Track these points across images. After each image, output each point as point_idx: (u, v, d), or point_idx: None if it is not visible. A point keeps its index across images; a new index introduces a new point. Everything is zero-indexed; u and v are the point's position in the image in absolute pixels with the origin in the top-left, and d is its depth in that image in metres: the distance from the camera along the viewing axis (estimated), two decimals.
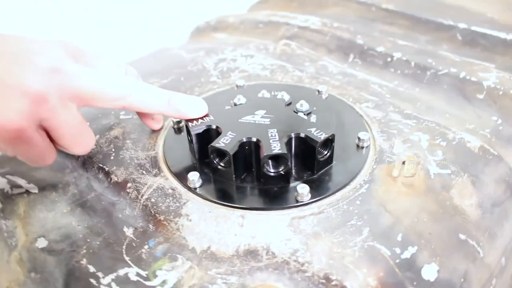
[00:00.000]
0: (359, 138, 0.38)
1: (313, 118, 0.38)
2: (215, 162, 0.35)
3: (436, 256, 0.31)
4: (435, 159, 0.38)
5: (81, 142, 0.34)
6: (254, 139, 0.34)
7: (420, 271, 0.30)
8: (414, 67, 0.49)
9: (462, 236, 0.33)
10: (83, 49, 0.35)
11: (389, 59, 0.51)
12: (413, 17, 0.60)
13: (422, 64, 0.49)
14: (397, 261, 0.30)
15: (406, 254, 0.31)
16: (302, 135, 0.34)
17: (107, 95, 0.33)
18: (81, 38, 0.91)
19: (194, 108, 0.36)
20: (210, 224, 0.33)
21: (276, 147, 0.33)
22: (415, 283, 0.30)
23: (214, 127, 0.36)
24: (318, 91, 0.44)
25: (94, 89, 0.32)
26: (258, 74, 0.50)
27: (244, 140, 0.34)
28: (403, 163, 0.37)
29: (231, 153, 0.33)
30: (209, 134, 0.36)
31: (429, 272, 0.30)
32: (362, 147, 0.38)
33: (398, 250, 0.31)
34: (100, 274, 0.31)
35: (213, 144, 0.34)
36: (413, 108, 0.45)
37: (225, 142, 0.34)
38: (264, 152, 0.33)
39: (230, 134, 0.35)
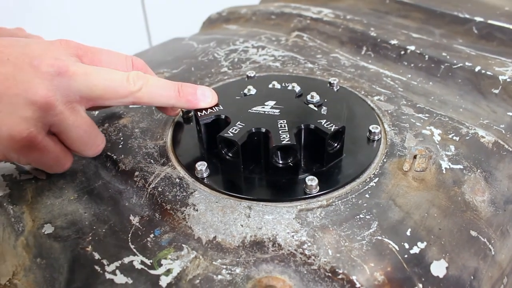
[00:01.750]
0: (370, 131, 0.38)
1: (323, 110, 0.38)
2: (223, 152, 0.35)
3: (445, 252, 0.31)
4: (447, 154, 0.37)
5: (92, 144, 0.34)
6: (263, 130, 0.34)
7: (429, 267, 0.30)
8: (428, 60, 0.48)
9: (473, 233, 0.32)
10: (85, 46, 0.34)
11: (402, 52, 0.50)
12: (427, 10, 0.59)
13: (436, 58, 0.48)
14: (406, 256, 0.30)
15: (415, 250, 0.30)
16: (312, 126, 0.34)
17: (115, 93, 0.32)
18: (92, 29, 0.92)
19: (204, 98, 0.36)
20: (217, 214, 0.32)
21: (285, 138, 0.33)
22: (423, 279, 0.29)
23: (223, 117, 0.36)
24: (330, 83, 0.44)
25: (101, 88, 0.31)
26: (269, 65, 0.49)
27: (253, 130, 0.34)
28: (414, 157, 0.36)
29: (240, 143, 0.33)
30: (218, 124, 0.36)
31: (438, 269, 0.30)
32: (373, 140, 0.38)
33: (406, 245, 0.30)
34: (105, 262, 0.31)
35: (221, 134, 0.34)
36: (426, 102, 0.44)
37: (234, 132, 0.34)
38: (273, 143, 0.33)
39: (239, 124, 0.34)
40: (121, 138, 0.40)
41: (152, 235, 0.32)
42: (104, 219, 0.34)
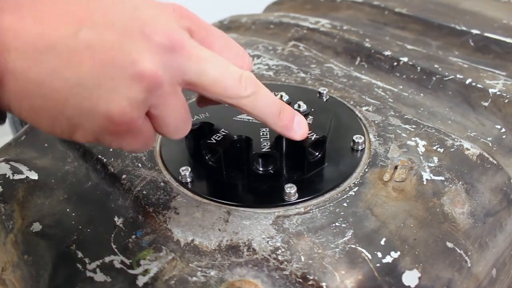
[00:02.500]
0: (353, 141, 0.38)
1: (309, 119, 0.39)
2: (206, 158, 0.36)
3: (419, 262, 0.31)
4: (430, 165, 0.37)
5: (183, 130, 0.29)
6: (244, 137, 0.35)
7: (401, 276, 0.30)
8: (420, 72, 0.49)
9: (450, 244, 0.33)
10: (198, 20, 0.29)
11: (395, 63, 0.50)
12: (425, 22, 0.59)
13: (428, 69, 0.48)
14: (378, 265, 0.30)
15: (388, 259, 0.30)
16: None
17: (223, 91, 0.28)
18: None
19: (299, 128, 0.33)
20: (196, 218, 0.33)
21: (266, 146, 0.34)
22: None
23: (208, 124, 0.37)
24: (319, 93, 0.45)
25: (211, 79, 0.27)
26: (263, 74, 0.50)
27: (235, 137, 0.35)
28: (396, 167, 0.36)
29: (222, 149, 0.34)
30: (203, 131, 0.37)
31: (410, 278, 0.30)
32: (357, 150, 0.38)
33: (380, 254, 0.31)
34: (87, 260, 0.32)
35: (205, 140, 0.35)
36: (415, 113, 0.44)
37: (217, 138, 0.35)
38: (253, 150, 0.33)
39: (222, 131, 0.35)
40: None
41: (134, 236, 0.33)
42: (90, 220, 0.35)
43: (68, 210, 0.36)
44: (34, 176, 0.38)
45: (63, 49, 0.23)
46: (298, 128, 0.33)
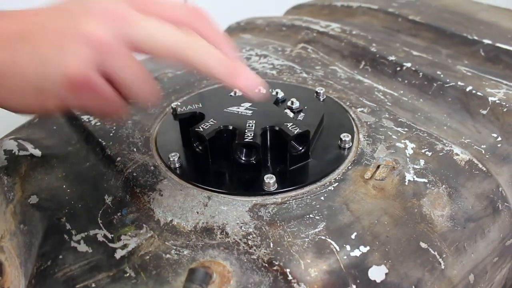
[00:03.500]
0: (340, 139, 0.39)
1: (300, 116, 0.40)
2: (195, 145, 0.37)
3: (388, 259, 0.31)
4: (415, 167, 0.37)
5: (145, 89, 0.31)
6: (230, 127, 0.36)
7: (367, 271, 0.30)
8: (421, 77, 0.49)
9: (423, 245, 0.33)
10: None
11: (398, 68, 0.51)
12: (438, 30, 0.59)
13: (430, 75, 0.48)
14: (345, 257, 0.31)
15: (356, 253, 0.31)
16: (277, 128, 0.36)
17: (164, 44, 0.30)
18: None
19: (246, 80, 0.32)
20: (178, 200, 0.35)
21: (249, 136, 0.35)
22: (358, 281, 0.30)
23: (199, 113, 0.38)
24: (316, 92, 0.45)
25: (152, 37, 0.30)
26: (266, 72, 0.52)
27: (221, 127, 0.36)
28: (378, 166, 0.37)
29: (208, 137, 0.36)
30: (195, 120, 0.38)
31: (377, 274, 0.30)
32: (344, 148, 0.39)
33: (348, 248, 0.31)
34: (73, 232, 0.34)
35: (193, 128, 0.36)
36: (411, 117, 0.44)
37: (204, 127, 0.36)
38: (237, 140, 0.35)
39: (211, 121, 0.37)
40: (114, 128, 0.43)
41: (119, 214, 0.35)
42: (83, 196, 0.37)
43: (64, 186, 0.38)
44: (37, 153, 0.41)
45: (27, 35, 0.28)
46: (246, 79, 0.32)
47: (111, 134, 0.42)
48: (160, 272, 0.30)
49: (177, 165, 0.37)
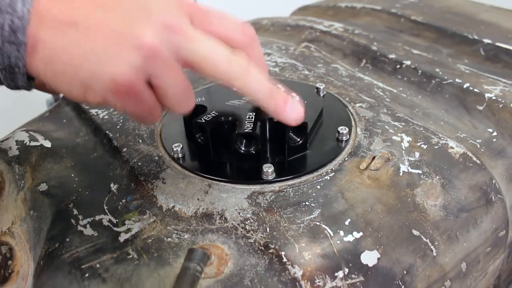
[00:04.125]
0: (338, 132, 0.40)
1: None
2: (197, 136, 0.39)
3: (380, 244, 0.32)
4: (410, 159, 0.38)
5: (184, 103, 0.32)
6: (230, 119, 0.38)
7: (360, 255, 0.32)
8: (420, 75, 0.50)
9: (416, 232, 0.34)
10: (197, 4, 0.33)
11: (398, 66, 0.52)
12: (439, 30, 0.60)
13: (429, 73, 0.49)
14: (338, 242, 0.32)
15: (349, 238, 0.32)
16: (275, 119, 0.37)
17: (214, 69, 0.31)
18: None
19: (292, 112, 0.34)
20: (180, 188, 0.36)
21: (248, 127, 0.36)
22: (350, 264, 0.31)
23: (201, 106, 0.40)
24: (317, 88, 0.47)
25: (204, 58, 0.31)
26: (269, 70, 0.53)
27: (222, 119, 0.38)
28: (373, 158, 0.38)
29: (209, 128, 0.37)
30: (197, 112, 0.40)
31: (369, 258, 0.32)
32: (341, 141, 0.40)
33: (342, 233, 0.32)
34: (80, 217, 0.36)
35: (196, 119, 0.38)
36: (409, 113, 0.46)
37: (206, 119, 0.38)
38: (236, 131, 0.36)
39: (213, 113, 0.38)
40: (121, 120, 0.45)
41: (124, 200, 0.37)
42: (90, 184, 0.39)
43: (72, 175, 0.40)
44: (47, 144, 0.43)
45: (82, 25, 0.29)
46: (291, 111, 0.34)
47: (118, 127, 0.44)
48: (162, 254, 0.32)
49: (180, 155, 0.39)
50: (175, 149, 0.39)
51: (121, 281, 0.31)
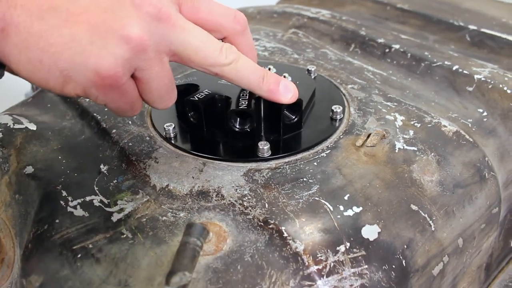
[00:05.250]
0: (332, 111, 0.40)
1: None
2: (189, 115, 0.38)
3: (380, 219, 0.32)
4: (405, 137, 0.38)
5: (167, 99, 0.32)
6: (224, 96, 0.37)
7: (360, 229, 0.31)
8: (410, 58, 0.50)
9: (414, 207, 0.34)
10: None
11: (387, 50, 0.52)
12: (425, 17, 0.61)
13: (418, 56, 0.50)
14: (338, 216, 0.31)
15: (349, 212, 0.32)
16: None
17: (205, 59, 0.30)
18: None
19: (285, 92, 0.34)
20: (174, 167, 0.35)
21: (243, 104, 0.36)
22: (352, 239, 0.31)
23: (193, 85, 0.39)
24: (308, 70, 0.46)
25: (193, 48, 0.30)
26: (258, 54, 0.52)
27: (216, 96, 0.37)
28: (369, 135, 0.38)
29: (202, 106, 0.36)
30: (189, 92, 0.39)
31: (369, 232, 0.31)
32: (335, 120, 0.40)
33: (341, 208, 0.32)
34: (69, 198, 0.34)
35: (188, 97, 0.37)
36: (400, 94, 0.46)
37: (199, 97, 0.37)
38: (231, 108, 0.36)
39: (206, 91, 0.38)
40: None
41: (115, 181, 0.35)
42: (78, 166, 0.37)
43: (59, 157, 0.38)
44: (32, 127, 0.41)
45: (63, 10, 0.26)
46: (284, 91, 0.34)
47: (106, 109, 0.43)
48: (157, 233, 0.31)
49: (172, 135, 0.38)
50: (167, 129, 0.38)
51: (115, 260, 0.29)
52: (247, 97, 0.37)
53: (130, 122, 0.41)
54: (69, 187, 0.35)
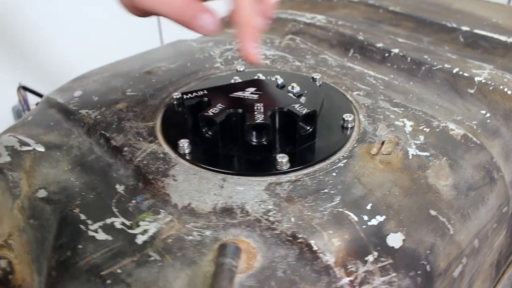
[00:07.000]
0: (343, 119, 0.40)
1: (302, 99, 0.41)
2: (204, 130, 0.38)
3: (403, 226, 0.33)
4: (416, 143, 0.39)
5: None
6: (240, 111, 0.37)
7: (386, 238, 0.32)
8: (410, 62, 0.51)
9: (433, 212, 0.34)
10: None
11: (386, 55, 0.53)
12: (418, 19, 0.62)
13: (417, 60, 0.51)
14: (364, 227, 0.32)
15: (373, 222, 0.32)
16: (285, 109, 0.37)
17: None
18: (112, 30, 0.97)
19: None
20: (193, 184, 0.35)
21: (260, 118, 0.36)
22: (379, 248, 0.31)
23: (206, 99, 0.39)
24: (313, 78, 0.47)
25: None
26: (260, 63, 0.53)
27: (231, 111, 0.37)
28: (383, 143, 0.38)
29: (218, 121, 0.36)
30: (201, 106, 0.39)
31: (395, 240, 0.32)
32: (347, 128, 0.40)
33: (366, 217, 0.32)
34: (89, 222, 0.33)
35: (202, 113, 0.37)
36: (404, 99, 0.46)
37: (214, 112, 0.37)
38: (247, 122, 0.36)
39: (219, 106, 0.37)
40: (116, 120, 0.43)
41: (134, 201, 0.35)
42: (93, 187, 0.37)
43: (72, 178, 0.38)
44: (40, 148, 0.40)
45: None
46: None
47: (114, 126, 0.42)
48: (185, 254, 0.31)
49: (186, 151, 0.38)
50: (181, 145, 0.38)
51: (147, 284, 0.29)
52: (262, 110, 0.37)
53: (141, 139, 0.40)
54: (87, 209, 0.35)
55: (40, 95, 0.88)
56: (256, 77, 0.44)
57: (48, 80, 0.96)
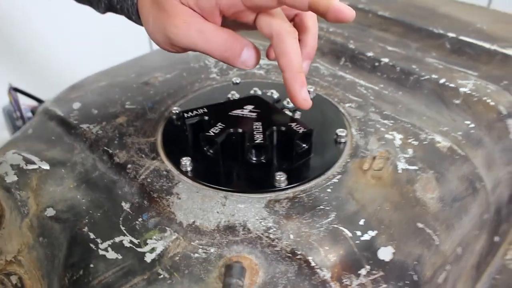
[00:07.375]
0: (337, 134, 0.42)
1: (297, 114, 0.43)
2: (205, 149, 0.40)
3: (393, 240, 0.35)
4: (405, 156, 0.41)
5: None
6: (240, 130, 0.38)
7: (377, 252, 0.34)
8: (399, 72, 0.53)
9: (420, 225, 0.37)
10: None
11: (377, 64, 0.55)
12: (406, 25, 0.64)
13: (406, 70, 0.53)
14: (357, 242, 0.34)
15: (366, 237, 0.35)
16: (283, 128, 0.39)
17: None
18: (100, 34, 0.97)
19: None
20: (197, 202, 0.37)
21: (259, 138, 0.38)
22: (370, 261, 0.34)
23: (206, 118, 0.40)
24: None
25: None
26: (254, 73, 0.54)
27: (231, 130, 0.39)
28: (374, 158, 0.41)
29: (219, 141, 0.38)
30: (202, 124, 0.40)
31: (385, 254, 0.34)
32: (340, 143, 0.42)
33: (359, 233, 0.35)
34: (98, 240, 0.35)
35: (203, 133, 0.38)
36: (394, 109, 0.49)
37: (215, 131, 0.38)
38: (247, 142, 0.37)
39: (220, 125, 0.39)
40: (117, 135, 0.44)
41: (140, 219, 0.37)
42: (99, 205, 0.38)
43: (78, 196, 0.39)
44: (45, 166, 0.42)
45: None
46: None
47: (116, 142, 0.44)
48: (192, 271, 0.33)
49: (189, 168, 0.39)
50: (183, 163, 0.39)
51: None
52: (261, 129, 0.39)
53: (143, 156, 0.42)
54: (95, 228, 0.36)
55: (31, 96, 0.89)
56: (253, 92, 0.46)
57: (39, 81, 0.97)
